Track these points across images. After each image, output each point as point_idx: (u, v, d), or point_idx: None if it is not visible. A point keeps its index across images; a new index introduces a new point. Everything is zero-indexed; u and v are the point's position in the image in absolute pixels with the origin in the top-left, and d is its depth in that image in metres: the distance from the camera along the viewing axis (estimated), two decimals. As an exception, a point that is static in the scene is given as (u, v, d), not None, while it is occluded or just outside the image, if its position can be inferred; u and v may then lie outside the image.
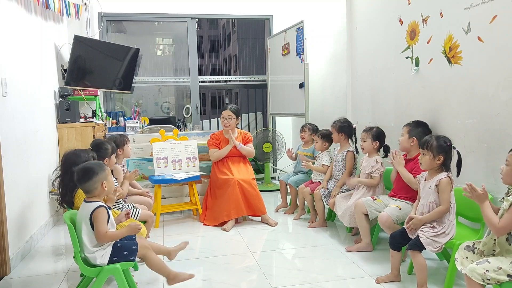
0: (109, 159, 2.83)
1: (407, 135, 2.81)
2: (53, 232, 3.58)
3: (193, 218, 3.96)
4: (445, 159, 2.28)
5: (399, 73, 3.31)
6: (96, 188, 2.12)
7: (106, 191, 2.17)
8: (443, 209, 2.23)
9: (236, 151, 3.89)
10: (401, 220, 2.63)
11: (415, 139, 2.76)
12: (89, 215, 2.07)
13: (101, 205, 2.09)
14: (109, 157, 2.84)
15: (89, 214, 2.07)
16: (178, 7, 5.26)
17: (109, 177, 2.19)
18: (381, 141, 3.11)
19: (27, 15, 3.39)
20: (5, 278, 2.66)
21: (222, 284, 2.50)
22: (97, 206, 2.08)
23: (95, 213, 2.07)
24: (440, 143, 2.27)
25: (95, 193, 2.13)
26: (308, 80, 4.28)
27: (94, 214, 2.07)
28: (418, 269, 2.24)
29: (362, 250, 2.91)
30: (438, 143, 2.27)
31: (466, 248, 1.97)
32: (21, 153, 3.06)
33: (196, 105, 5.53)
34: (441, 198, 2.24)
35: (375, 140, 3.08)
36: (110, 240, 2.11)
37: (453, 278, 2.22)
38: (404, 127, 2.87)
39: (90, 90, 4.48)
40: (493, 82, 2.39)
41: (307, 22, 4.31)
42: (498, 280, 1.72)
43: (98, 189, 2.13)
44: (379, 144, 3.10)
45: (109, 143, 2.92)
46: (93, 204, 2.09)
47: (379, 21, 3.58)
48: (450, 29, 2.70)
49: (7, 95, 2.85)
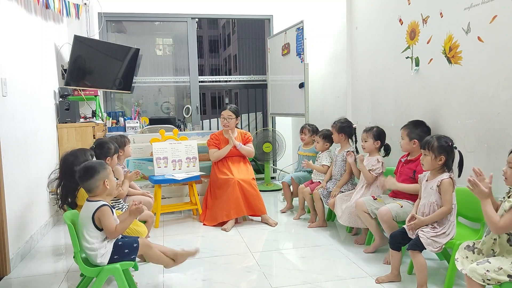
0: (111, 159, 2.83)
1: (407, 138, 2.79)
2: (53, 232, 3.59)
3: (193, 218, 3.96)
4: (447, 159, 2.27)
5: (399, 73, 3.31)
6: (98, 187, 2.13)
7: (108, 190, 2.17)
8: (446, 210, 2.23)
9: (236, 151, 3.89)
10: (401, 219, 2.63)
11: (416, 141, 2.75)
12: (91, 215, 2.08)
13: (103, 204, 2.10)
14: (111, 156, 2.85)
15: (91, 213, 2.08)
16: (178, 7, 5.26)
17: (110, 176, 2.20)
18: (382, 141, 3.11)
19: (27, 15, 3.39)
20: (5, 278, 2.66)
21: (222, 284, 2.50)
22: (99, 206, 2.09)
23: (98, 213, 2.08)
24: (441, 143, 2.27)
25: (97, 192, 2.14)
26: (308, 80, 4.28)
27: (97, 214, 2.08)
28: (418, 269, 2.24)
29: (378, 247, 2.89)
30: (439, 144, 2.27)
31: (466, 248, 1.97)
32: (21, 153, 3.06)
33: (196, 105, 5.53)
34: (444, 199, 2.24)
35: (376, 140, 3.08)
36: (121, 233, 2.16)
37: (453, 278, 2.22)
38: (402, 129, 2.85)
39: (90, 90, 4.48)
40: (493, 82, 2.39)
41: (307, 22, 4.31)
42: (499, 280, 1.72)
43: (100, 187, 2.14)
44: (381, 143, 3.10)
45: (112, 143, 2.93)
46: (95, 204, 2.10)
47: (379, 21, 3.58)
48: (450, 29, 2.70)
49: (7, 95, 2.85)
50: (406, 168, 2.81)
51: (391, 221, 2.62)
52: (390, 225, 2.62)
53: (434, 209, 2.28)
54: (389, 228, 2.63)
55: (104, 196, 2.17)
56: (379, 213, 2.68)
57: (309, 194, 3.60)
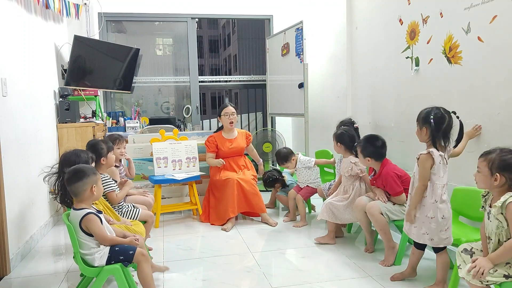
0: (106, 158, 2.81)
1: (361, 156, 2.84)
2: (53, 232, 3.59)
3: (193, 218, 3.96)
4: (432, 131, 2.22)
5: (399, 73, 3.31)
6: (84, 191, 2.09)
7: (95, 196, 2.14)
8: (419, 186, 2.21)
9: (236, 151, 3.90)
10: (394, 217, 2.67)
11: (370, 158, 2.80)
12: (78, 224, 2.05)
13: (88, 212, 2.06)
14: (106, 156, 2.82)
15: (77, 223, 2.05)
16: (178, 7, 5.26)
17: (99, 183, 2.17)
18: (342, 142, 3.14)
19: (27, 15, 3.39)
20: (5, 278, 2.66)
21: (222, 284, 2.50)
22: (84, 214, 2.05)
23: (84, 221, 2.05)
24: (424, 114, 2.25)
25: (83, 196, 2.10)
26: (307, 80, 4.28)
27: (84, 222, 2.05)
28: (442, 267, 2.25)
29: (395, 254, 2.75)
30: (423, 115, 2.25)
31: (464, 251, 1.95)
32: (21, 153, 3.06)
33: (196, 105, 5.53)
34: (418, 175, 2.22)
35: (338, 142, 3.16)
36: (111, 243, 2.12)
37: (458, 280, 2.17)
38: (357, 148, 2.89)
39: (90, 90, 4.48)
40: (493, 82, 2.39)
41: (307, 22, 4.31)
42: (496, 281, 1.74)
43: (87, 192, 2.10)
44: (344, 146, 3.14)
45: (106, 142, 2.92)
46: (80, 212, 2.06)
47: (379, 21, 3.58)
48: (450, 29, 2.71)
49: (7, 95, 2.85)
50: (377, 184, 2.84)
51: (378, 215, 2.65)
52: (378, 220, 2.64)
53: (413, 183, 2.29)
54: (377, 223, 2.65)
55: (89, 202, 2.13)
56: (367, 207, 2.71)
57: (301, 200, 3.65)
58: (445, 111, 2.25)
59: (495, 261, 1.75)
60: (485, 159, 1.86)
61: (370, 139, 2.86)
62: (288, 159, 3.73)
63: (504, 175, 1.79)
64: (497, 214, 1.77)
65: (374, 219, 2.67)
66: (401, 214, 2.68)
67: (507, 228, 1.76)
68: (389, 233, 2.70)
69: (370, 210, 2.68)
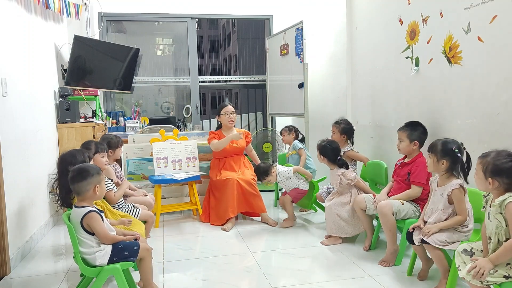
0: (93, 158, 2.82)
1: (408, 140, 2.75)
2: (53, 232, 3.58)
3: (193, 218, 3.96)
4: (450, 163, 2.22)
5: (399, 73, 3.31)
6: (87, 191, 2.10)
7: (97, 196, 2.15)
8: (461, 219, 2.21)
9: (236, 150, 3.90)
10: (402, 216, 2.64)
11: (417, 142, 2.73)
12: (79, 222, 2.05)
13: (90, 210, 2.07)
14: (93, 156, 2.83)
15: (79, 220, 2.05)
16: (178, 7, 5.26)
17: (102, 183, 2.17)
18: (326, 155, 3.12)
19: (27, 15, 3.39)
20: (5, 278, 2.66)
21: (222, 284, 2.50)
22: (86, 212, 2.05)
23: (85, 219, 2.05)
24: (444, 147, 2.23)
25: (86, 196, 2.10)
26: (307, 80, 4.28)
27: (85, 220, 2.05)
28: (437, 261, 2.25)
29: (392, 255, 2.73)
30: (442, 147, 2.23)
31: (463, 252, 1.95)
32: (21, 153, 3.06)
33: (196, 105, 5.53)
34: (458, 209, 2.21)
35: (320, 155, 3.15)
36: (112, 241, 2.12)
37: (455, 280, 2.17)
38: (400, 131, 2.80)
39: (90, 90, 4.48)
40: (493, 82, 2.39)
41: (307, 22, 4.32)
42: (496, 282, 1.74)
43: (90, 192, 2.10)
44: (326, 158, 3.12)
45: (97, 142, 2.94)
46: (82, 210, 2.06)
47: (379, 21, 3.58)
48: (450, 29, 2.71)
49: (7, 95, 2.85)
50: (401, 171, 2.80)
51: (390, 215, 2.61)
52: (387, 218, 2.61)
53: (440, 218, 2.25)
54: (388, 223, 2.62)
55: (91, 201, 2.14)
56: (379, 207, 2.66)
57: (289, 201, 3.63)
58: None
59: (495, 261, 1.74)
60: (481, 162, 1.86)
61: (415, 124, 2.79)
62: (269, 173, 3.59)
63: (496, 179, 1.78)
64: (496, 214, 1.77)
65: (386, 219, 2.62)
66: (412, 212, 2.65)
67: (506, 227, 1.76)
68: (396, 235, 2.69)
69: (383, 210, 2.62)
